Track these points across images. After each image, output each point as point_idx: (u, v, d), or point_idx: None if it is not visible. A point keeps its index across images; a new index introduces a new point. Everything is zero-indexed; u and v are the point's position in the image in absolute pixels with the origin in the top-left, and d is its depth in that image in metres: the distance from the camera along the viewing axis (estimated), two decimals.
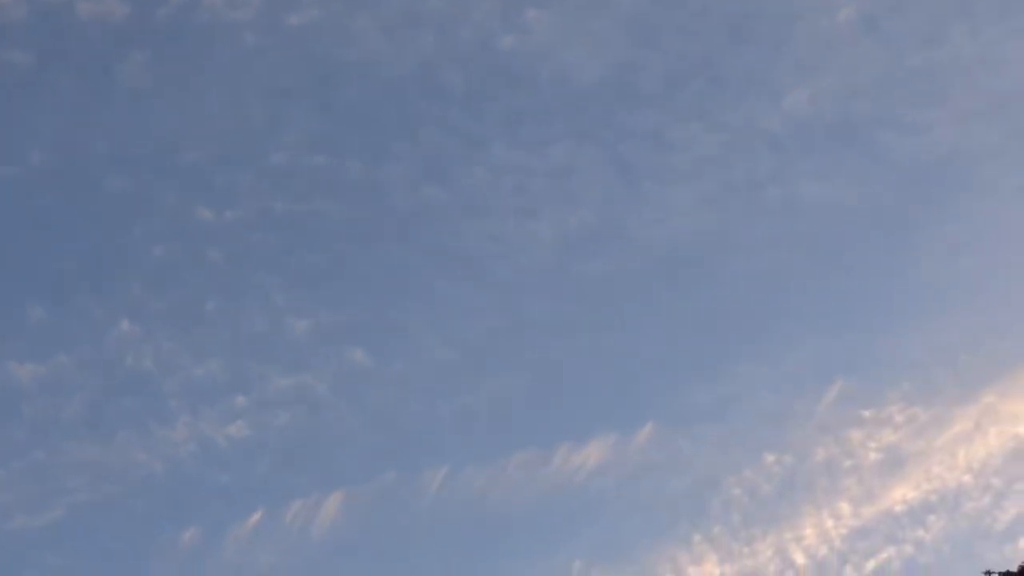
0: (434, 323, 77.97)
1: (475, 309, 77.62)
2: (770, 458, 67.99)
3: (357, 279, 78.82)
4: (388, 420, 76.24)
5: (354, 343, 76.17)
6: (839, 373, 71.36)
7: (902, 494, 65.11)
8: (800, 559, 65.44)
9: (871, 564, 64.66)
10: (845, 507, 66.06)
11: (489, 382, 75.99)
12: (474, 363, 76.68)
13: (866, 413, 67.38)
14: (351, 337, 76.50)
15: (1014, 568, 35.58)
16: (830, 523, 65.65)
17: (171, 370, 74.10)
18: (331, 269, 79.31)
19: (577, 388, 77.35)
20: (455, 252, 78.16)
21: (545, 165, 77.67)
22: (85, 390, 74.03)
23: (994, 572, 35.42)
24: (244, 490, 74.69)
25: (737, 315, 76.33)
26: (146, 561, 73.21)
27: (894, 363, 71.63)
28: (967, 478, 64.34)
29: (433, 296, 78.45)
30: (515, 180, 77.81)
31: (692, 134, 76.68)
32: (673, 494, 71.32)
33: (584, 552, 69.64)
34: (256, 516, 71.94)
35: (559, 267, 76.76)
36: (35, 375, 73.39)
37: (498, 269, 77.37)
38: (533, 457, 72.13)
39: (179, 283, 76.96)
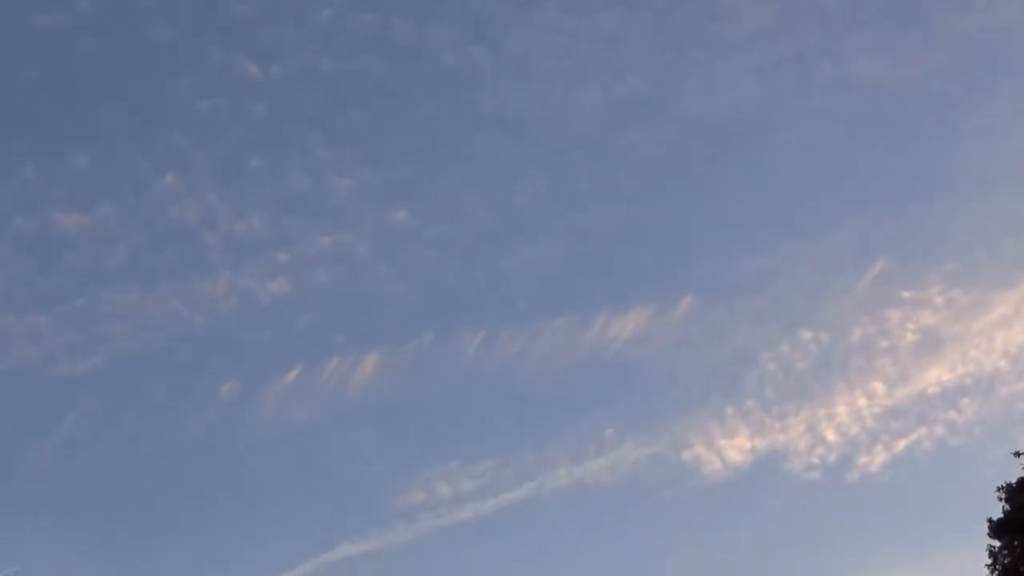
0: (476, 186, 77.94)
1: (518, 174, 77.42)
2: (807, 335, 68.01)
3: (400, 139, 78.66)
4: (427, 282, 76.61)
5: (396, 204, 76.30)
6: (881, 252, 71.08)
7: (937, 376, 65.12)
8: (831, 436, 65.78)
9: (902, 444, 64.99)
10: (879, 387, 66.17)
11: (529, 247, 76.11)
12: (515, 228, 76.76)
13: (906, 294, 67.16)
14: (393, 197, 76.60)
15: None
16: (863, 402, 65.83)
17: (213, 224, 74.56)
18: (375, 128, 79.18)
19: (617, 258, 77.41)
20: (500, 115, 77.71)
21: (594, 31, 76.71)
22: (127, 241, 74.73)
23: (1022, 453, 35.52)
24: (283, 346, 75.56)
25: (781, 190, 75.97)
26: (184, 412, 74.50)
27: (937, 245, 71.29)
28: (1003, 362, 64.26)
29: (476, 159, 78.29)
30: (563, 44, 76.94)
31: (743, 5, 75.46)
32: (708, 367, 71.65)
33: (617, 420, 70.28)
34: (294, 373, 72.83)
35: (604, 135, 76.24)
36: (78, 224, 74.06)
37: (542, 134, 76.90)
38: (571, 324, 72.48)
39: (223, 138, 77.08)
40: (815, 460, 65.75)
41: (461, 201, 77.33)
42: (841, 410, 66.09)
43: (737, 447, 66.67)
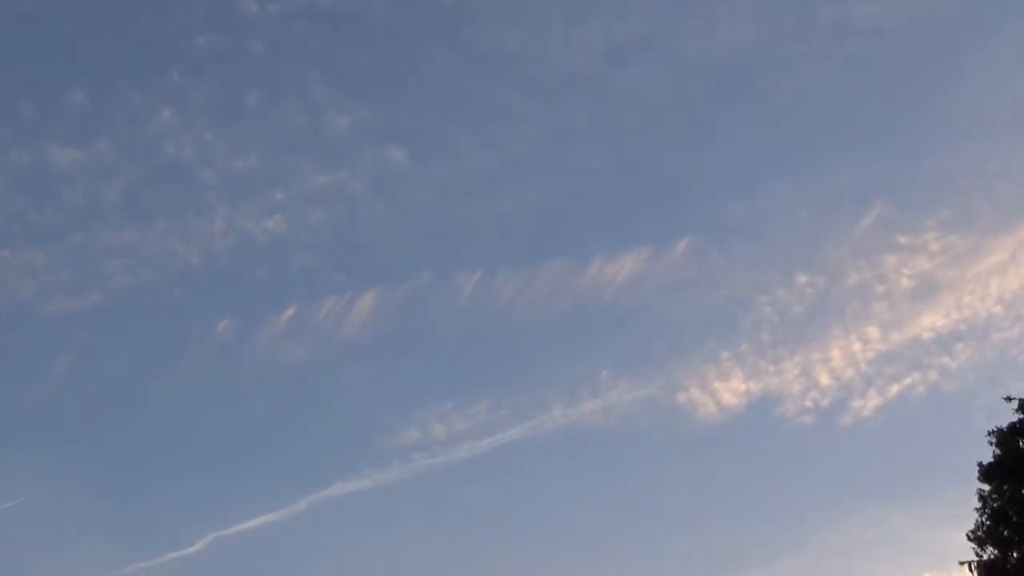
0: (474, 126, 77.75)
1: (516, 114, 77.18)
2: (803, 279, 68.14)
3: (399, 78, 78.32)
4: (424, 222, 76.61)
5: (393, 143, 76.12)
6: (878, 197, 71.03)
7: (931, 321, 65.27)
8: (825, 380, 66.04)
9: (895, 389, 65.26)
10: (874, 331, 66.34)
11: (526, 188, 76.01)
12: (512, 168, 76.62)
13: (902, 239, 67.18)
14: (390, 137, 76.42)
15: None
16: (857, 346, 66.00)
17: (210, 161, 74.43)
18: (373, 67, 78.80)
19: (614, 199, 77.35)
20: (498, 55, 77.35)
21: None
22: (124, 177, 74.58)
23: (1014, 398, 35.69)
24: (279, 285, 75.70)
25: (779, 133, 75.70)
26: (181, 349, 74.72)
27: (934, 190, 71.16)
28: (998, 308, 64.35)
29: (474, 99, 78.03)
30: None
31: None
32: (704, 310, 71.81)
33: (612, 362, 70.64)
34: (290, 311, 72.99)
35: (604, 76, 75.90)
36: (75, 160, 73.88)
37: (541, 74, 76.57)
38: (567, 266, 72.56)
39: (220, 75, 76.78)
40: (808, 404, 66.09)
41: (459, 141, 77.25)
42: (835, 354, 66.34)
43: (731, 390, 67.00)
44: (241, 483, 71.41)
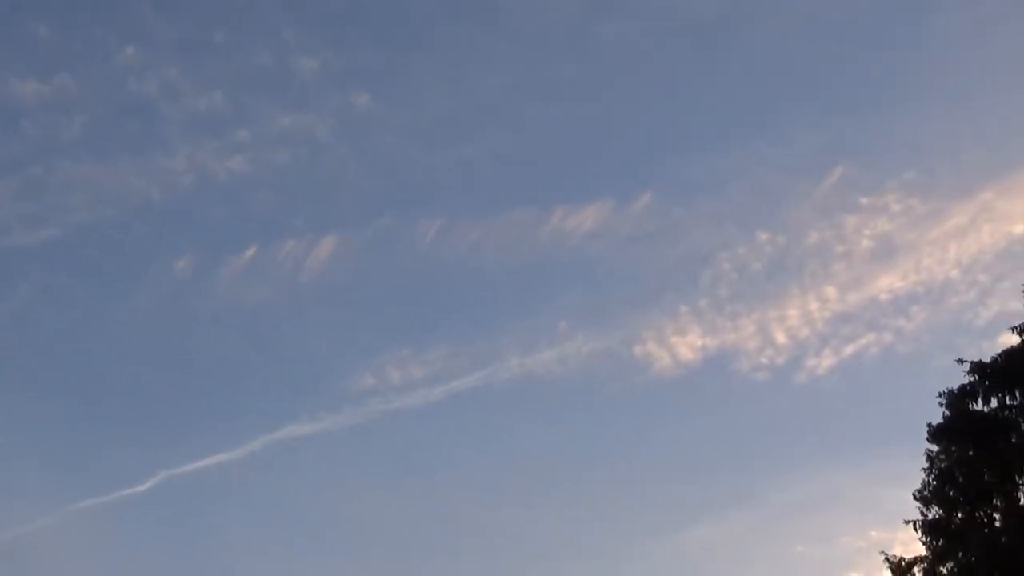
0: (443, 73, 77.33)
1: (486, 62, 76.91)
2: (763, 236, 68.34)
3: (368, 22, 77.79)
4: (388, 167, 76.37)
5: (360, 87, 75.65)
6: (841, 157, 71.18)
7: (889, 283, 65.67)
8: (781, 338, 66.39)
9: (850, 349, 65.70)
10: (831, 291, 66.68)
11: (492, 137, 75.80)
12: (479, 117, 76.39)
13: (864, 200, 67.41)
14: (357, 80, 75.92)
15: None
16: (815, 306, 66.35)
17: (174, 98, 73.77)
18: (342, 10, 78.17)
19: (580, 151, 77.26)
20: (473, 1, 76.97)
21: None
22: (86, 111, 73.87)
23: (966, 361, 36.00)
24: (239, 225, 75.40)
25: (748, 90, 75.72)
26: (138, 286, 74.38)
27: (897, 152, 71.45)
28: (955, 272, 64.78)
29: (445, 45, 77.59)
30: None
31: None
32: (664, 264, 72.01)
33: (571, 313, 70.73)
34: (250, 252, 72.69)
35: (578, 25, 75.56)
36: (37, 93, 73.11)
37: (517, 23, 76.22)
38: (529, 216, 72.50)
39: (187, 11, 75.96)
40: (764, 361, 66.49)
41: (427, 87, 76.88)
42: (792, 313, 66.67)
43: (688, 345, 67.26)
44: (195, 422, 71.41)
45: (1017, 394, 35.54)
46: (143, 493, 66.31)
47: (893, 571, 35.34)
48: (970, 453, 35.22)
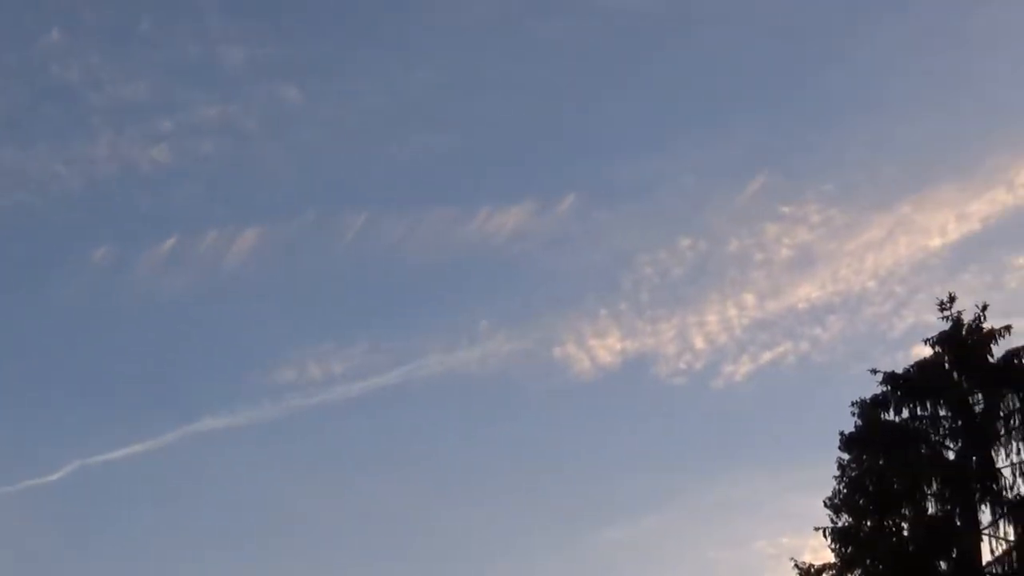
0: (372, 68, 77.03)
1: (416, 59, 76.68)
2: (685, 242, 68.74)
3: (298, 14, 77.23)
4: (313, 161, 75.94)
5: (287, 79, 75.13)
6: (765, 166, 71.94)
7: (807, 292, 66.29)
8: (700, 344, 66.88)
9: (767, 356, 66.25)
10: (750, 298, 67.21)
11: (419, 134, 75.63)
12: (407, 114, 76.18)
13: (785, 209, 67.99)
14: (285, 73, 75.39)
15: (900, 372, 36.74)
16: (734, 312, 66.84)
17: (98, 85, 72.82)
18: (272, 1, 77.74)
19: (506, 151, 77.30)
20: None
21: None
22: (7, 95, 72.88)
23: (879, 371, 36.58)
24: (161, 215, 74.55)
25: (674, 95, 75.97)
26: (56, 274, 73.57)
27: (818, 163, 72.08)
28: (872, 283, 65.50)
29: (374, 40, 77.22)
30: None
31: None
32: (586, 267, 72.26)
33: (492, 313, 70.77)
34: (170, 242, 72.00)
35: (506, 25, 75.58)
36: None
37: (444, 19, 76.09)
38: (453, 214, 72.43)
39: None
40: (682, 366, 66.89)
41: (355, 82, 76.57)
42: (712, 319, 67.13)
43: (607, 348, 67.55)
44: (110, 412, 70.65)
45: (928, 405, 36.20)
46: (54, 483, 65.60)
47: None
48: (880, 462, 35.79)
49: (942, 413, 35.99)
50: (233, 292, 73.88)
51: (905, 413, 36.19)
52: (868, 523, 35.49)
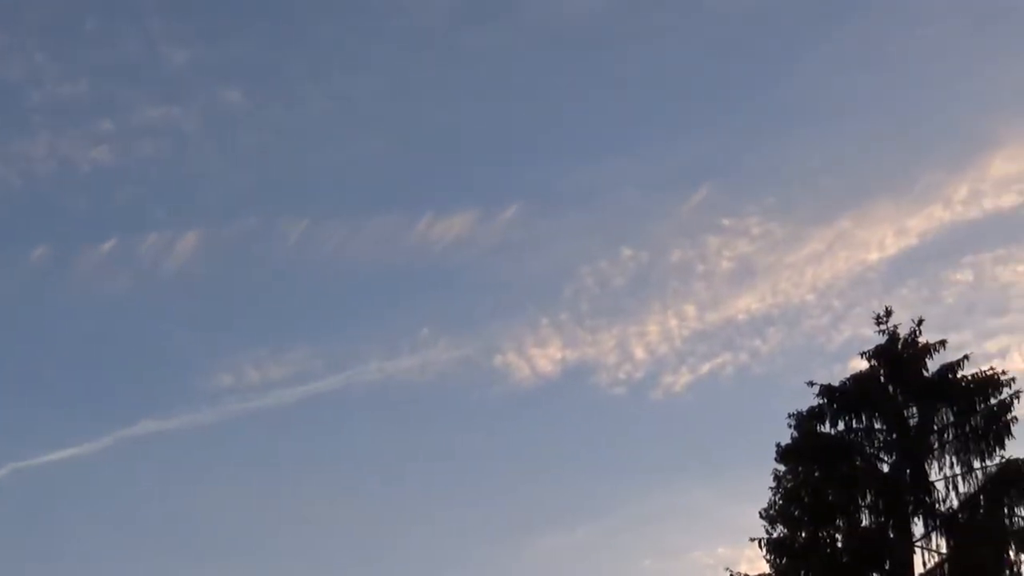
0: (316, 73, 76.88)
1: (360, 64, 76.64)
2: (627, 252, 69.01)
3: (242, 17, 76.99)
4: (255, 164, 75.70)
5: (230, 82, 74.88)
6: (707, 178, 72.37)
7: (747, 304, 66.73)
8: (640, 354, 67.15)
9: (706, 367, 66.64)
10: (691, 310, 67.58)
11: (362, 140, 75.55)
12: (350, 118, 75.96)
13: (726, 221, 68.44)
14: (228, 75, 75.17)
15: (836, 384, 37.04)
16: (674, 323, 67.19)
17: (39, 84, 72.33)
18: (216, 3, 77.40)
19: (450, 159, 77.33)
20: (346, 3, 76.64)
21: None
22: None
23: (816, 383, 36.83)
24: (100, 216, 74.13)
25: (616, 106, 76.42)
26: None
27: (760, 177, 72.72)
28: (811, 297, 66.09)
29: (319, 44, 77.13)
30: None
31: None
32: (528, 275, 72.41)
33: (433, 320, 70.72)
34: (110, 243, 71.52)
35: (451, 32, 75.67)
36: None
37: (389, 26, 76.10)
38: (396, 221, 72.45)
39: None
40: (622, 376, 67.14)
41: (298, 86, 76.42)
42: (652, 329, 67.46)
43: (548, 357, 67.70)
44: (46, 414, 69.92)
45: (863, 418, 36.52)
46: None
47: None
48: (816, 474, 36.03)
49: (877, 426, 36.33)
50: (173, 295, 73.46)
51: (841, 426, 36.48)
52: (803, 534, 35.69)
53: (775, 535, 35.90)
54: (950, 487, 35.51)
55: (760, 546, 35.90)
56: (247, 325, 74.11)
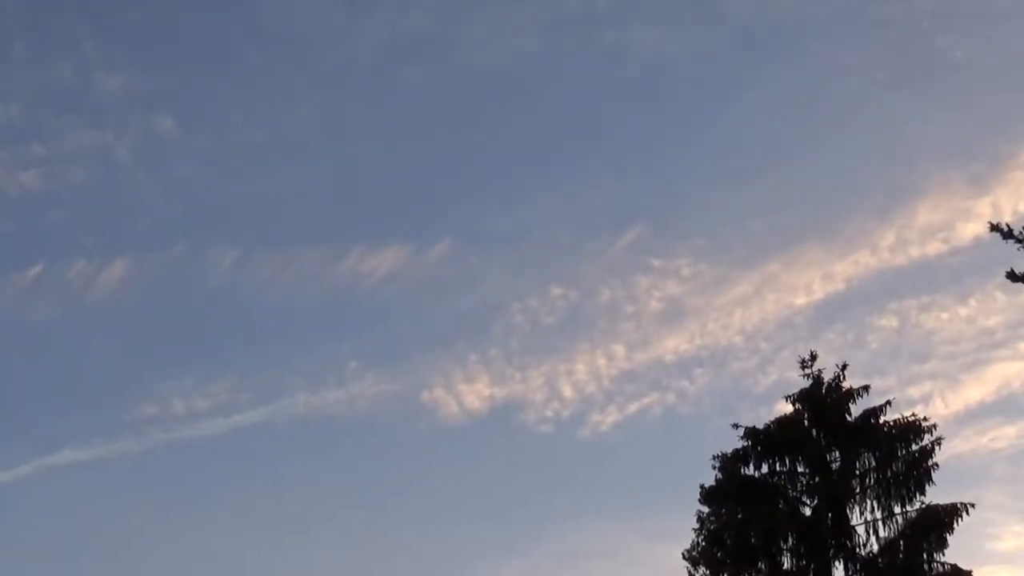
0: (249, 103, 76.69)
1: (294, 96, 76.50)
2: (557, 291, 69.18)
3: (176, 45, 76.74)
4: (185, 193, 75.29)
5: (163, 110, 74.46)
6: (638, 219, 72.85)
7: (675, 345, 67.02)
8: (568, 393, 67.22)
9: (634, 407, 66.78)
10: (619, 349, 67.75)
11: (293, 172, 75.37)
12: (283, 150, 75.88)
13: (656, 262, 68.81)
14: (161, 103, 74.84)
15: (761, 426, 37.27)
16: (603, 362, 67.33)
17: None
18: (150, 31, 76.97)
19: (381, 193, 77.31)
20: (283, 35, 76.60)
21: None
22: None
23: (741, 426, 37.07)
24: (28, 241, 73.39)
25: (549, 146, 76.93)
26: None
27: (690, 219, 73.35)
28: (738, 339, 66.43)
29: (253, 76, 77.04)
30: None
31: None
32: (458, 312, 72.40)
33: (362, 354, 70.47)
34: (36, 269, 70.71)
35: (384, 68, 75.85)
36: None
37: (323, 60, 76.13)
38: (326, 253, 72.23)
39: None
40: (550, 414, 67.17)
41: (231, 116, 76.18)
42: (581, 368, 67.56)
43: (476, 393, 67.60)
44: None
45: (787, 461, 36.76)
46: None
47: None
48: (739, 516, 36.22)
49: (800, 469, 36.60)
50: (98, 323, 72.74)
51: (764, 468, 36.73)
52: None
53: None
54: (871, 531, 35.83)
55: None
56: (173, 355, 73.50)
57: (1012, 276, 22.44)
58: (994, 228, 22.47)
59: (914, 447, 36.08)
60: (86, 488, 67.43)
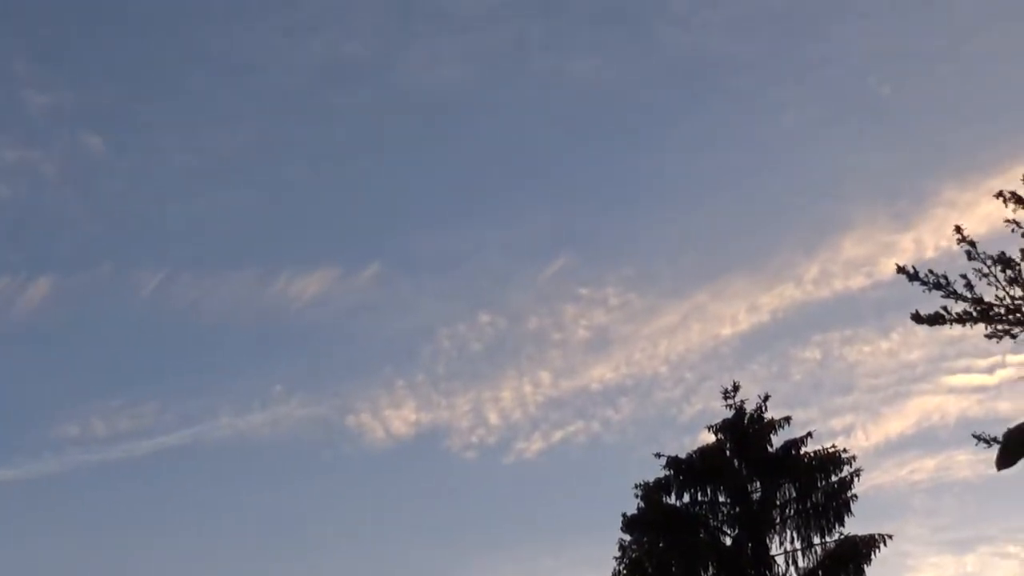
0: (179, 123, 76.22)
1: (223, 118, 76.15)
2: (485, 318, 69.23)
3: (105, 64, 76.23)
4: (113, 213, 74.67)
5: (92, 128, 73.86)
6: (567, 248, 73.25)
7: (601, 373, 67.22)
8: (494, 419, 67.24)
9: (559, 434, 66.88)
10: (546, 377, 67.90)
11: (223, 194, 75.03)
12: (212, 172, 75.46)
13: (583, 291, 69.09)
14: (90, 122, 74.14)
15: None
16: (529, 389, 67.42)
17: None
18: (81, 49, 76.47)
19: (311, 217, 77.13)
20: (220, 58, 76.28)
21: None
22: None
23: (663, 455, 37.27)
24: None
25: (481, 173, 77.11)
26: None
27: (619, 248, 73.71)
28: (664, 368, 66.78)
29: (184, 96, 76.55)
30: None
31: None
32: (386, 336, 72.34)
33: (287, 377, 70.19)
34: None
35: (318, 93, 75.74)
36: None
37: (259, 83, 75.86)
38: (254, 276, 71.92)
39: None
40: (475, 440, 67.11)
41: (161, 137, 75.69)
42: (507, 395, 67.60)
43: (402, 418, 67.45)
44: None
45: (708, 491, 36.99)
46: None
47: None
48: (660, 545, 36.40)
49: (721, 499, 36.85)
50: (20, 341, 71.91)
51: (686, 497, 36.94)
52: None
53: None
54: (790, 562, 36.16)
55: None
56: (97, 375, 72.87)
57: (916, 318, 22.23)
58: (900, 270, 22.40)
59: (833, 478, 36.49)
60: (5, 508, 66.57)
